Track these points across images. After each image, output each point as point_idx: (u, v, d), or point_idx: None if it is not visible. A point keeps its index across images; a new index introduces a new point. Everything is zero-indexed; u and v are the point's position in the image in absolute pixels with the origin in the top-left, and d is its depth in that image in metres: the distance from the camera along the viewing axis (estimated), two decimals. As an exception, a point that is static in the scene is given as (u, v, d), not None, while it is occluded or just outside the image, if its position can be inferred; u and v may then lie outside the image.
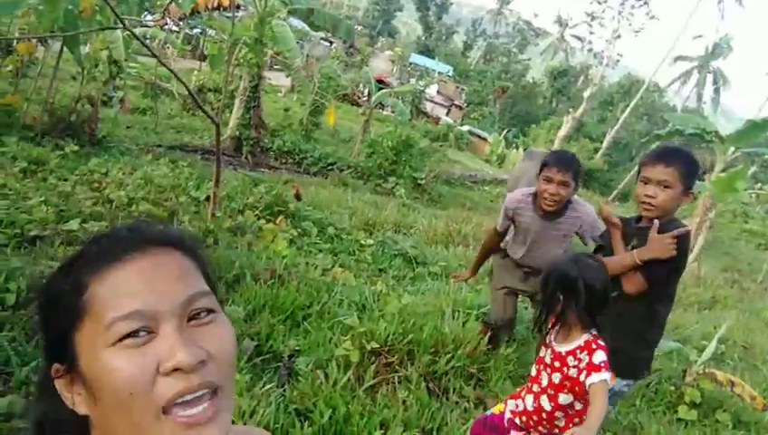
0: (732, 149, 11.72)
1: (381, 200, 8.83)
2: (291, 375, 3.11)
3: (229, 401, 0.74)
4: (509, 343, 3.74)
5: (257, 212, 5.69)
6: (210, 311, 0.75)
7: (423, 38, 59.68)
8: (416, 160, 11.68)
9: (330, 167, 11.74)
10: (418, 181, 11.06)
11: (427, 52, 53.32)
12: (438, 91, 37.07)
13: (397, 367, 3.22)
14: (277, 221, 5.53)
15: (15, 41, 7.78)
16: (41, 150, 6.17)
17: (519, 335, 4.07)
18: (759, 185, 23.85)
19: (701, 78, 46.22)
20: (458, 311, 3.98)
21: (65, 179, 5.51)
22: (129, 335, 0.69)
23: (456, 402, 3.12)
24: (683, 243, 2.28)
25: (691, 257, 10.89)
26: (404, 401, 2.93)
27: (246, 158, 10.64)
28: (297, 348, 3.37)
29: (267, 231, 5.13)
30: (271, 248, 4.72)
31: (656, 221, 2.28)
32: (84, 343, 0.71)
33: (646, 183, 2.33)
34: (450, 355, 3.33)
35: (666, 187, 2.28)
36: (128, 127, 10.32)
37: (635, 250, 2.33)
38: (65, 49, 7.74)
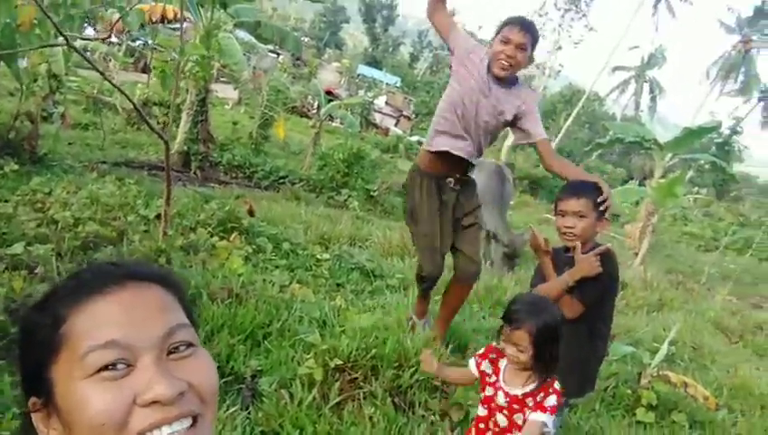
0: (669, 155, 12.23)
1: (335, 213, 8.79)
2: (254, 396, 3.04)
3: (207, 430, 0.73)
4: (465, 354, 3.78)
5: (210, 229, 5.57)
6: (190, 344, 0.75)
7: (370, 50, 60.17)
8: (367, 172, 11.69)
9: (281, 180, 11.62)
10: (371, 193, 11.07)
11: (375, 63, 53.74)
12: (387, 103, 37.37)
13: (361, 383, 3.20)
14: (231, 238, 5.42)
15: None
16: (-23, 170, 5.89)
17: (474, 343, 4.11)
18: (696, 189, 24.95)
19: (638, 87, 48.12)
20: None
21: (6, 200, 5.26)
22: (106, 368, 0.68)
23: (423, 416, 3.12)
24: (608, 262, 2.51)
25: (637, 261, 11.27)
26: (371, 418, 2.91)
27: (195, 173, 10.42)
28: (259, 368, 3.31)
29: (221, 249, 5.03)
30: (226, 266, 4.62)
31: (578, 244, 2.53)
32: (60, 376, 0.70)
33: (563, 216, 2.58)
34: (414, 369, 3.32)
35: (581, 216, 2.54)
36: (70, 143, 9.96)
37: (565, 273, 2.54)
38: (1, 63, 7.43)
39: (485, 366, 2.22)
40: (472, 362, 2.28)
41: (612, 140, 13.12)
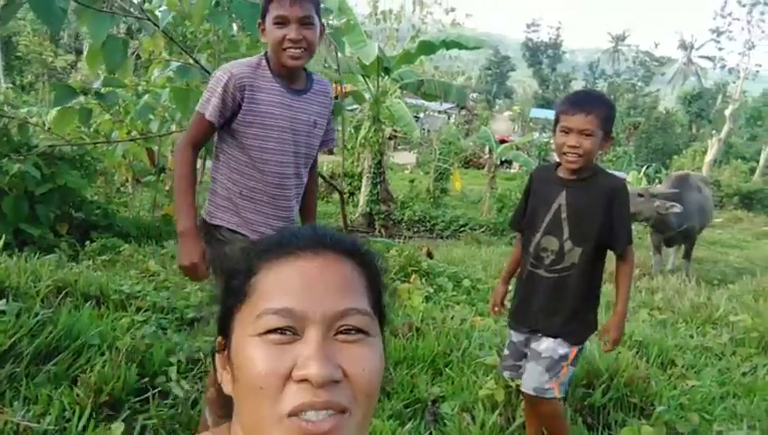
0: None
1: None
2: (437, 421, 3.03)
3: (354, 426, 0.70)
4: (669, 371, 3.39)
5: (391, 275, 5.79)
6: (361, 331, 0.72)
7: (540, 91, 59.28)
8: (548, 207, 11.33)
9: (461, 229, 11.73)
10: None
11: (547, 104, 52.73)
12: (564, 140, 36.23)
13: (547, 403, 3.02)
14: (411, 280, 5.57)
15: None
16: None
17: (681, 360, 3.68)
18: None
19: None
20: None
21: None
22: (274, 331, 0.69)
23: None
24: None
25: None
26: (560, 437, 2.72)
27: (379, 231, 10.98)
28: (441, 395, 3.29)
29: (402, 290, 5.18)
30: (407, 305, 4.74)
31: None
32: (239, 325, 0.74)
33: (567, 133, 2.22)
34: (605, 386, 3.07)
35: (587, 135, 2.19)
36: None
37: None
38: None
39: None
40: None
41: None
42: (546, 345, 2.33)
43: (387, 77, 11.78)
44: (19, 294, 3.37)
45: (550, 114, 43.94)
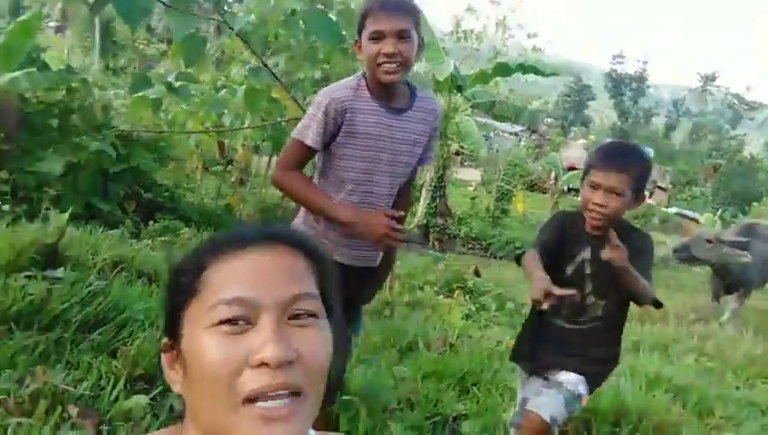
0: None
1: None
2: (455, 437, 3.02)
3: (309, 408, 0.73)
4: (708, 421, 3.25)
5: (436, 289, 5.80)
6: (312, 315, 0.75)
7: (619, 123, 57.73)
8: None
9: (517, 251, 11.57)
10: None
11: (624, 137, 51.26)
12: (638, 175, 35.21)
13: (571, 436, 2.97)
14: (454, 296, 5.57)
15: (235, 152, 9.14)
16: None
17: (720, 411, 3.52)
18: None
19: None
20: (642, 381, 3.59)
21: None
22: (228, 321, 0.71)
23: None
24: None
25: None
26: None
27: (433, 244, 10.98)
28: (464, 413, 3.28)
29: (443, 305, 5.19)
30: (446, 320, 4.75)
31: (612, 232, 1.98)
32: (189, 321, 0.75)
33: (595, 188, 2.04)
34: (632, 426, 2.99)
35: (617, 194, 2.01)
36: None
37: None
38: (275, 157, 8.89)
39: None
40: None
41: None
42: (567, 378, 2.19)
43: (459, 94, 11.81)
44: (78, 264, 3.58)
45: (626, 147, 42.70)
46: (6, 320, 2.73)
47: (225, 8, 3.74)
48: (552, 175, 18.03)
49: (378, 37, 2.03)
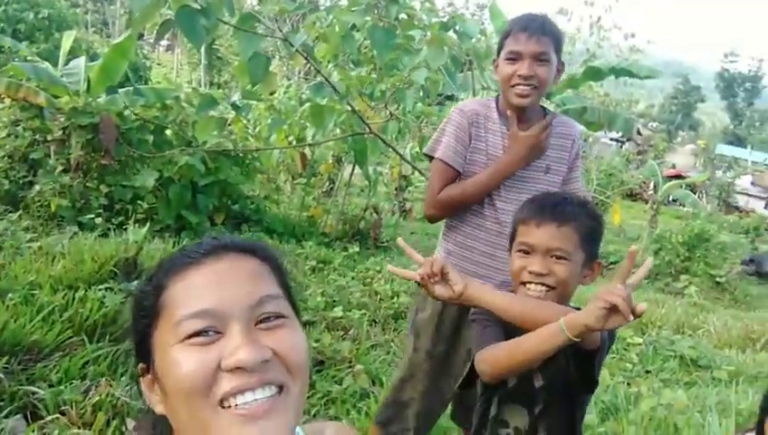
0: None
1: (664, 298, 7.92)
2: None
3: (293, 401, 0.74)
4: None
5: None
6: (280, 316, 0.76)
7: (732, 127, 53.91)
8: (714, 256, 10.31)
9: (610, 266, 11.02)
10: (717, 280, 9.67)
11: (738, 141, 47.83)
12: (752, 183, 32.57)
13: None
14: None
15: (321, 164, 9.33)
16: (329, 252, 7.12)
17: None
18: None
19: None
20: (724, 417, 3.27)
21: (344, 275, 6.23)
22: (196, 334, 0.72)
23: None
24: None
25: None
26: None
27: (520, 258, 10.68)
28: None
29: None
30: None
31: None
32: (158, 342, 0.76)
33: (527, 253, 1.55)
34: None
35: (559, 257, 1.51)
36: (412, 233, 11.29)
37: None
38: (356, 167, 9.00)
39: None
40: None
41: None
42: None
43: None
44: (157, 276, 3.76)
45: (739, 152, 39.83)
46: (82, 331, 2.92)
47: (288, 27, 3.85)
48: (651, 184, 17.06)
49: (515, 58, 1.98)
